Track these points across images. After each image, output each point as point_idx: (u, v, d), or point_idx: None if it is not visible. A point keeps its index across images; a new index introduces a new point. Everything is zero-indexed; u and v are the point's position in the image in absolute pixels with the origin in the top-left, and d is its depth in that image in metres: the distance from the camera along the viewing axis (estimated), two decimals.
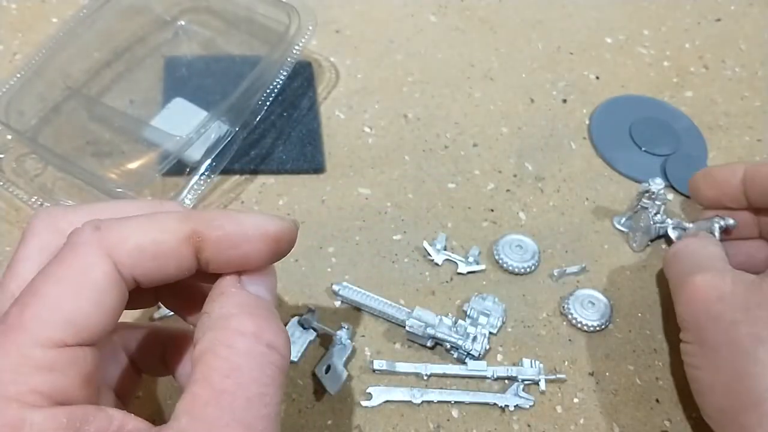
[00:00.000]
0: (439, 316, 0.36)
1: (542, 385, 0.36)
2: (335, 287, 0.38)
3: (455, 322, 0.36)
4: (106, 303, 0.21)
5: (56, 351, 0.20)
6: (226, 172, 0.42)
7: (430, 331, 0.36)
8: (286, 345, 0.22)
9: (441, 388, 0.35)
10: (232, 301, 0.23)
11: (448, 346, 0.36)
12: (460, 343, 0.35)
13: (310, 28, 0.45)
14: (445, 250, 0.41)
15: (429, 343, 0.36)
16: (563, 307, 0.39)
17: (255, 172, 0.43)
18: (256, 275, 0.24)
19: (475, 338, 0.36)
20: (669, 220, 0.41)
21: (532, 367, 0.36)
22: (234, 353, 0.21)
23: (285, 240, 0.25)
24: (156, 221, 0.23)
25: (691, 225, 0.41)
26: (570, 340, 0.38)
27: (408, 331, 0.36)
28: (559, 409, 0.35)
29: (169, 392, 0.34)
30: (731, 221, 0.38)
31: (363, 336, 0.37)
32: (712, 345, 0.32)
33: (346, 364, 0.35)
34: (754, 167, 0.37)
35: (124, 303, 0.22)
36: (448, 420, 0.34)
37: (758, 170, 0.37)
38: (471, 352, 0.35)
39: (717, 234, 0.38)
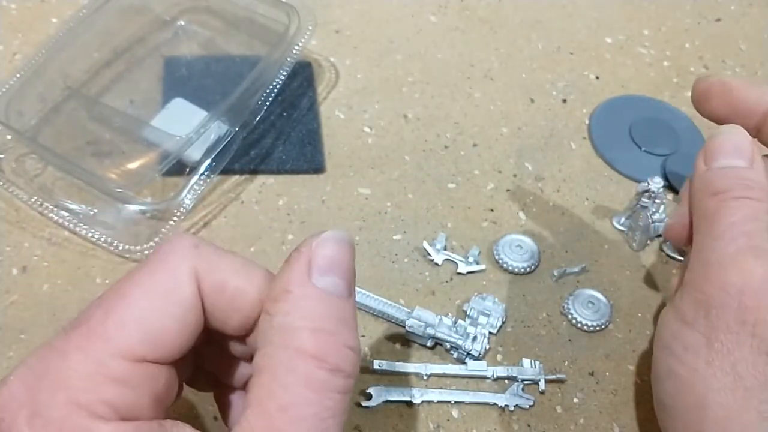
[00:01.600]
0: (439, 316, 0.36)
1: (542, 385, 0.36)
2: None
3: (455, 322, 0.36)
4: (190, 323, 0.20)
5: (134, 365, 0.19)
6: (226, 172, 0.42)
7: (430, 331, 0.36)
8: (354, 363, 0.20)
9: (441, 388, 0.35)
10: (297, 309, 0.20)
11: (448, 346, 0.36)
12: (460, 343, 0.35)
13: (310, 28, 0.45)
14: (445, 250, 0.41)
15: (429, 343, 0.36)
16: (563, 307, 0.39)
17: (255, 172, 0.43)
18: (328, 261, 0.21)
19: (475, 338, 0.36)
20: (669, 220, 0.41)
21: (532, 367, 0.36)
22: (293, 381, 0.19)
23: None
24: (249, 269, 0.22)
25: None
26: (570, 340, 0.38)
27: (408, 331, 0.36)
28: (559, 409, 0.35)
29: None
30: None
31: (363, 336, 0.37)
32: (732, 351, 0.27)
33: None
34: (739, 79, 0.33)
35: (201, 328, 0.21)
36: (448, 420, 0.34)
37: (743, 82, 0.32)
38: (471, 352, 0.35)
39: None
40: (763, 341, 0.26)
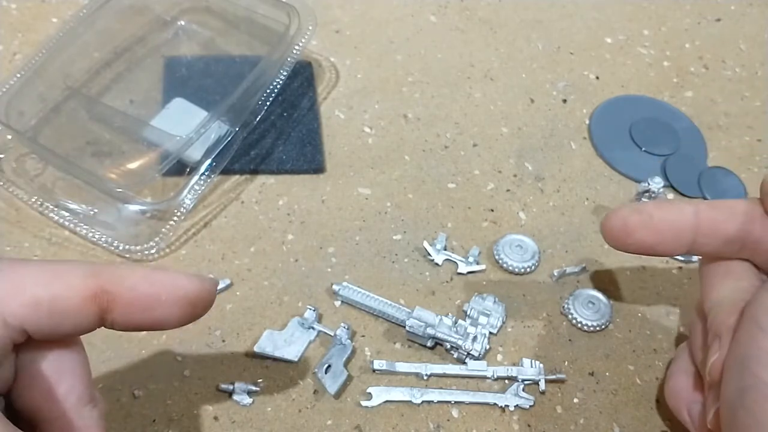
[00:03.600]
0: (439, 316, 0.36)
1: (542, 385, 0.36)
2: (335, 287, 0.38)
3: (455, 322, 0.36)
4: None
5: None
6: (226, 172, 0.42)
7: (430, 331, 0.36)
8: None
9: (441, 388, 0.35)
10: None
11: (448, 346, 0.36)
12: (460, 343, 0.35)
13: (310, 28, 0.45)
14: (445, 250, 0.41)
15: (429, 343, 0.36)
16: (563, 307, 0.39)
17: (255, 172, 0.43)
18: None
19: (475, 338, 0.36)
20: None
21: (532, 367, 0.36)
22: None
23: (201, 304, 0.23)
24: (58, 272, 0.21)
25: None
26: (570, 340, 0.38)
27: (408, 331, 0.36)
28: (559, 409, 0.35)
29: (169, 392, 0.34)
30: None
31: (363, 336, 0.37)
32: None
33: (346, 364, 0.35)
34: (708, 208, 0.31)
35: (7, 352, 0.20)
36: (448, 420, 0.34)
37: (714, 213, 0.30)
38: (471, 352, 0.35)
39: None
40: None
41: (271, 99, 0.42)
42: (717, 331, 0.29)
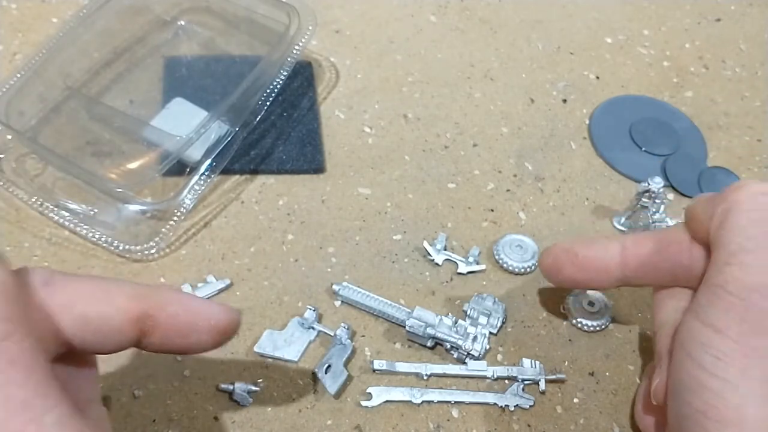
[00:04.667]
0: (439, 316, 0.36)
1: (542, 385, 0.36)
2: (335, 287, 0.38)
3: (455, 322, 0.36)
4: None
5: None
6: (226, 172, 0.42)
7: (430, 331, 0.36)
8: None
9: (441, 388, 0.35)
10: None
11: (448, 346, 0.36)
12: (460, 343, 0.35)
13: (310, 28, 0.45)
14: (445, 250, 0.41)
15: (429, 343, 0.36)
16: (563, 307, 0.39)
17: (255, 172, 0.43)
18: None
19: (475, 338, 0.36)
20: (668, 220, 0.41)
21: (532, 367, 0.36)
22: None
23: (230, 332, 0.25)
24: (106, 291, 0.22)
25: None
26: (570, 340, 0.38)
27: (408, 331, 0.36)
28: (559, 409, 0.35)
29: (169, 392, 0.34)
30: None
31: (363, 336, 0.37)
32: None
33: (346, 364, 0.35)
34: (633, 244, 0.32)
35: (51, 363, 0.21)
36: (448, 420, 0.34)
37: (639, 249, 0.31)
38: (471, 352, 0.35)
39: None
40: None
41: (271, 99, 0.42)
42: (659, 354, 0.30)
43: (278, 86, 0.42)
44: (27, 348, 0.19)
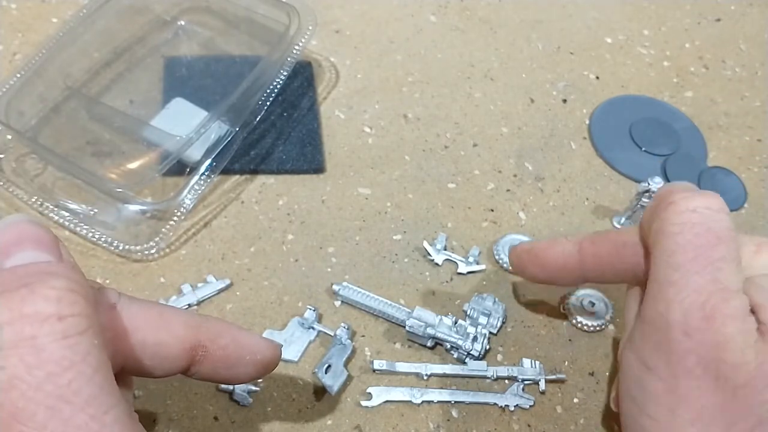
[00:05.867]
0: (439, 316, 0.36)
1: (542, 385, 0.36)
2: (335, 287, 0.38)
3: (455, 322, 0.36)
4: None
5: None
6: (226, 172, 0.42)
7: (430, 331, 0.36)
8: (73, 301, 0.19)
9: (441, 388, 0.35)
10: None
11: (449, 346, 0.36)
12: (460, 343, 0.35)
13: (310, 28, 0.45)
14: (445, 250, 0.41)
15: (429, 343, 0.36)
16: (563, 307, 0.39)
17: (255, 172, 0.43)
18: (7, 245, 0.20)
19: (475, 338, 0.36)
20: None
21: (532, 367, 0.36)
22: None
23: (271, 367, 0.26)
24: (166, 320, 0.22)
25: None
26: (570, 340, 0.38)
27: (408, 331, 0.36)
28: (559, 409, 0.35)
29: (169, 392, 0.34)
30: None
31: (363, 336, 0.37)
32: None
33: (346, 364, 0.35)
34: (590, 245, 0.31)
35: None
36: (448, 420, 0.34)
37: (596, 249, 0.31)
38: (471, 352, 0.35)
39: None
40: (728, 383, 0.24)
41: (271, 99, 0.42)
42: (619, 359, 0.30)
43: (278, 86, 0.42)
44: (97, 346, 0.19)
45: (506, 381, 0.36)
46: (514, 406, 0.35)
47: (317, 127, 0.46)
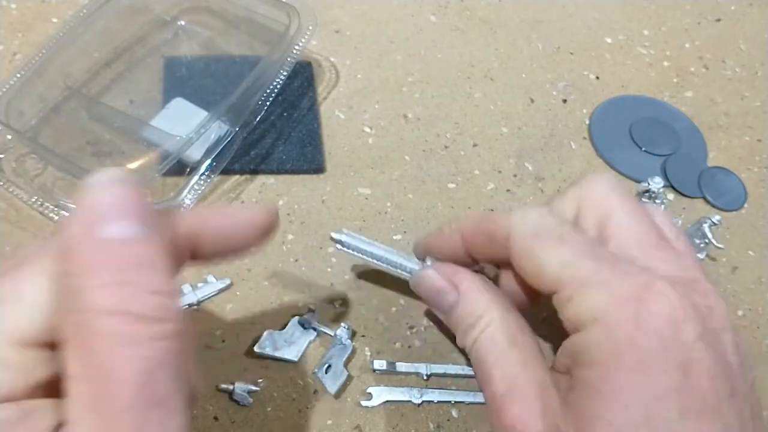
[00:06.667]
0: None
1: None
2: (334, 235, 0.34)
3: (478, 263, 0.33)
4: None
5: (13, 349, 0.19)
6: (226, 172, 0.42)
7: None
8: (164, 305, 0.18)
9: (441, 388, 0.35)
10: (82, 267, 0.18)
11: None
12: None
13: (310, 28, 0.45)
14: None
15: None
16: None
17: (255, 172, 0.43)
18: (110, 207, 0.19)
19: None
20: None
21: None
22: (101, 343, 0.18)
23: (271, 226, 0.25)
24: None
25: (689, 225, 0.41)
26: None
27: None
28: None
29: None
30: (718, 218, 0.39)
31: (363, 336, 0.37)
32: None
33: (346, 364, 0.35)
34: (471, 228, 0.31)
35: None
36: (448, 420, 0.34)
37: (475, 230, 0.31)
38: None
39: (708, 233, 0.39)
40: None
41: (271, 99, 0.42)
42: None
43: (278, 86, 0.42)
44: (180, 350, 0.19)
45: None
46: None
47: (317, 127, 0.46)
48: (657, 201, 0.41)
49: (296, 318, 0.37)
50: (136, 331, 0.18)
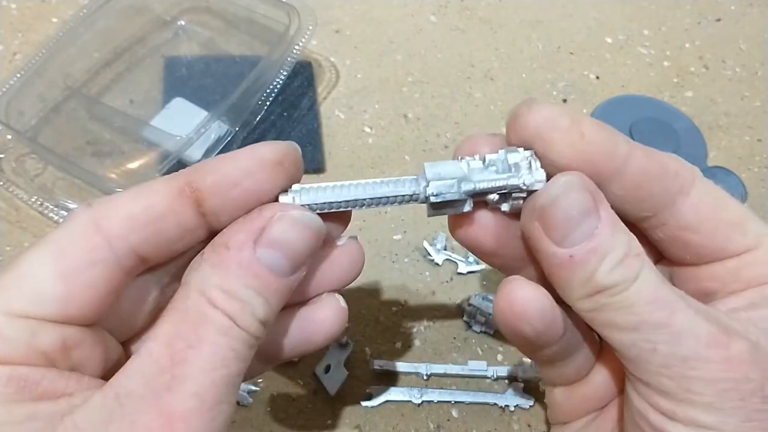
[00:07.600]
0: (460, 160, 0.24)
1: (542, 385, 0.35)
2: (282, 198, 0.25)
3: (486, 162, 0.24)
4: (85, 281, 0.20)
5: (13, 321, 0.19)
6: None
7: (467, 186, 0.23)
8: (258, 332, 0.21)
9: (441, 388, 0.35)
10: (224, 269, 0.21)
11: (496, 197, 0.24)
12: (513, 182, 0.23)
13: (310, 28, 0.45)
14: (445, 249, 0.41)
15: (468, 206, 0.24)
16: None
17: None
18: (279, 239, 0.22)
19: (528, 164, 0.23)
20: None
21: (532, 367, 0.36)
22: (200, 321, 0.21)
23: (288, 161, 0.24)
24: (145, 188, 0.22)
25: None
26: None
27: (433, 203, 0.24)
28: None
29: None
30: None
31: (363, 336, 0.37)
32: None
33: (346, 364, 0.35)
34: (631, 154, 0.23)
35: (120, 283, 0.21)
36: (448, 420, 0.34)
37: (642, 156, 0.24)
38: (533, 187, 0.23)
39: None
40: None
41: (271, 99, 0.42)
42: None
43: (278, 86, 0.42)
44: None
45: (506, 381, 0.36)
46: (514, 406, 0.35)
47: (317, 127, 0.46)
48: None
49: None
50: (231, 329, 0.20)
